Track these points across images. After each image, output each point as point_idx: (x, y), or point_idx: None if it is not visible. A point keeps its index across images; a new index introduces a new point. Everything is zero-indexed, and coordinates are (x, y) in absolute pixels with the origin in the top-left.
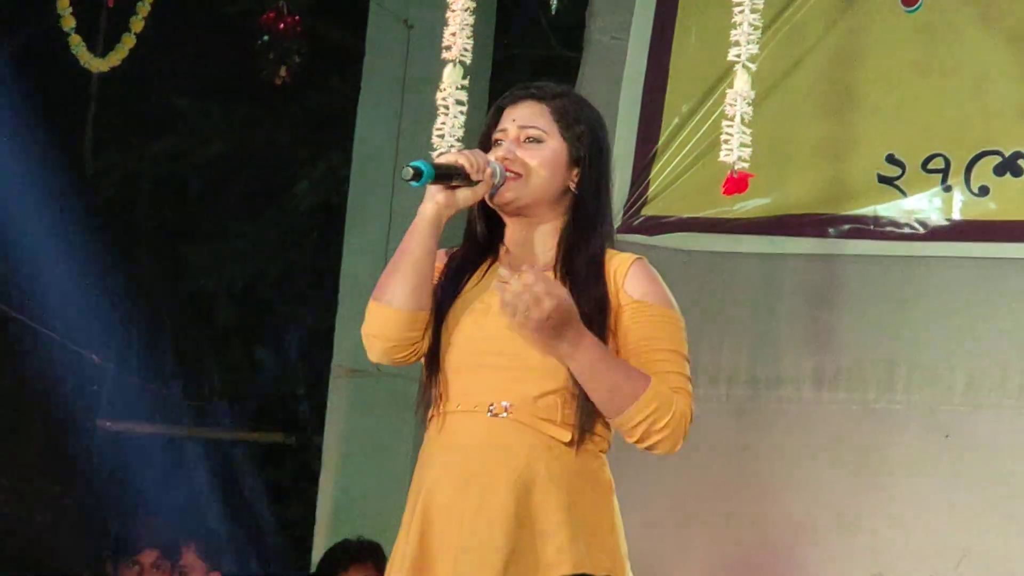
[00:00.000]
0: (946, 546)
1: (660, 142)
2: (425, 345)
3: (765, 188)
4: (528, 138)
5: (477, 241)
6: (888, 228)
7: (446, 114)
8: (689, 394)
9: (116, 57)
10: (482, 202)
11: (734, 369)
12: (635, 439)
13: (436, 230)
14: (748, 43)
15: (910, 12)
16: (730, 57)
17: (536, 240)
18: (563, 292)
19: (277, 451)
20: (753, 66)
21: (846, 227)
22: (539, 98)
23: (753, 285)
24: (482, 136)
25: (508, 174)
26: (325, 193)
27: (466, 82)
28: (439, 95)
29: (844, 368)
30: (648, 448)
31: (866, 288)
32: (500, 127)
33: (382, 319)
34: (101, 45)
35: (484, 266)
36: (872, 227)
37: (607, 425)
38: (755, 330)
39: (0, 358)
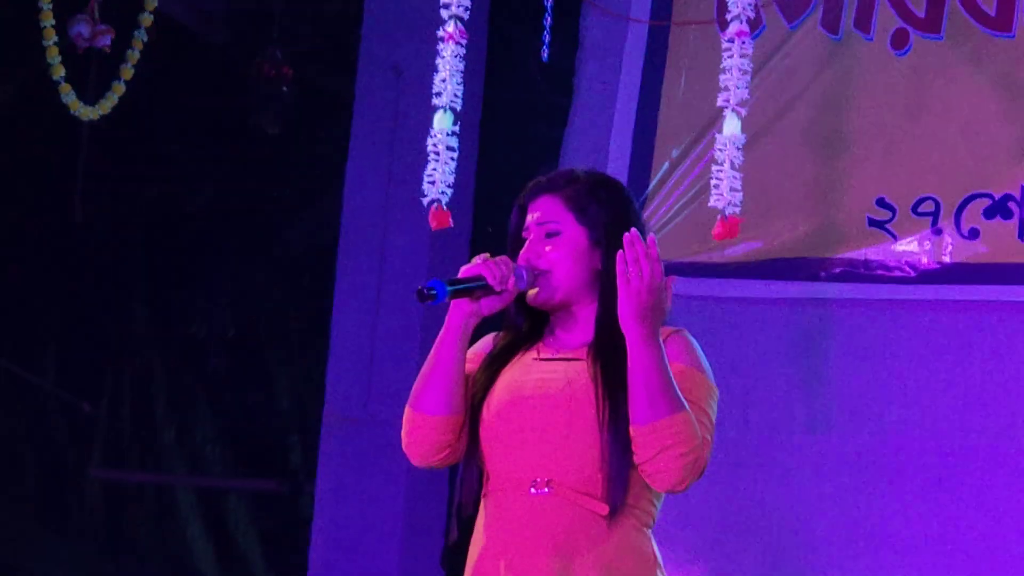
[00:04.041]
0: None
1: (650, 187)
2: (462, 446)
3: (755, 232)
4: (547, 233)
5: (518, 331)
6: (878, 271)
7: (436, 160)
8: (710, 449)
9: (106, 105)
10: (521, 299)
11: (726, 414)
12: (651, 454)
13: (464, 339)
14: (738, 87)
15: (899, 56)
16: (719, 102)
17: (576, 324)
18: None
19: (269, 498)
20: (743, 110)
21: (836, 271)
22: (552, 190)
23: (744, 330)
24: (510, 236)
25: (534, 272)
26: (316, 239)
27: (456, 128)
28: (430, 141)
29: (836, 413)
30: (654, 472)
31: (857, 332)
32: (524, 226)
33: (418, 426)
34: (91, 93)
35: (526, 348)
36: (862, 271)
37: (652, 500)
38: (746, 375)
39: None
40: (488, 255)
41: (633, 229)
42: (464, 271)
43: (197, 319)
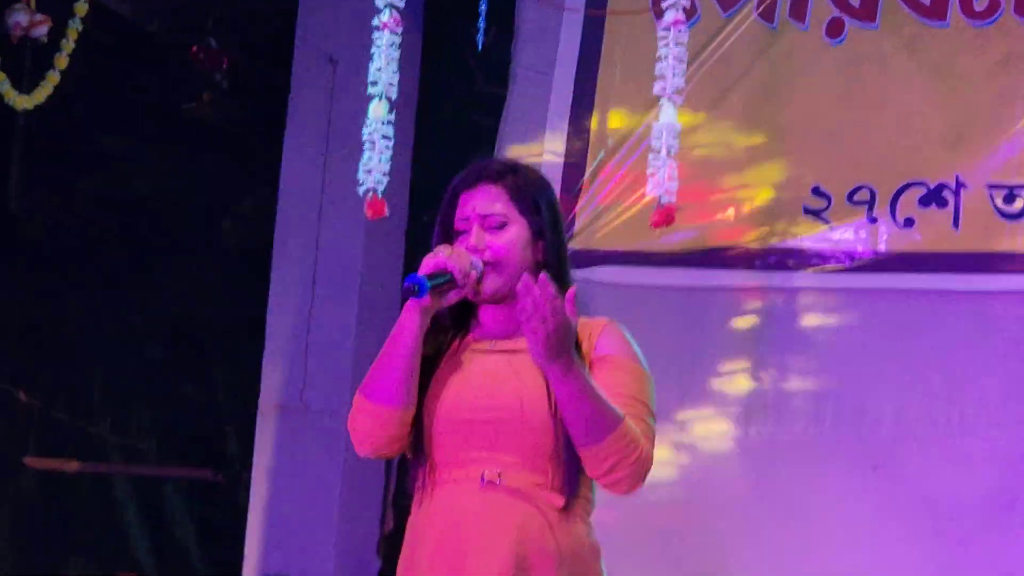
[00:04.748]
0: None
1: (587, 175)
2: (409, 438)
3: (692, 221)
4: (494, 224)
5: (447, 323)
6: (814, 260)
7: (372, 149)
8: (652, 442)
9: (41, 94)
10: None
11: (661, 403)
12: (602, 472)
13: (422, 331)
14: (674, 76)
15: (834, 44)
16: (655, 91)
17: (511, 314)
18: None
19: (206, 488)
20: (679, 99)
21: (772, 259)
22: (493, 179)
23: (680, 318)
24: (442, 220)
25: (483, 264)
26: (253, 229)
27: (392, 117)
28: (365, 131)
29: (771, 401)
30: (609, 484)
31: (792, 320)
32: (461, 215)
33: (372, 417)
34: (27, 82)
35: (456, 341)
36: (798, 259)
37: (592, 488)
38: (682, 364)
39: None
40: (450, 248)
41: (524, 276)
42: (429, 262)
43: (134, 308)
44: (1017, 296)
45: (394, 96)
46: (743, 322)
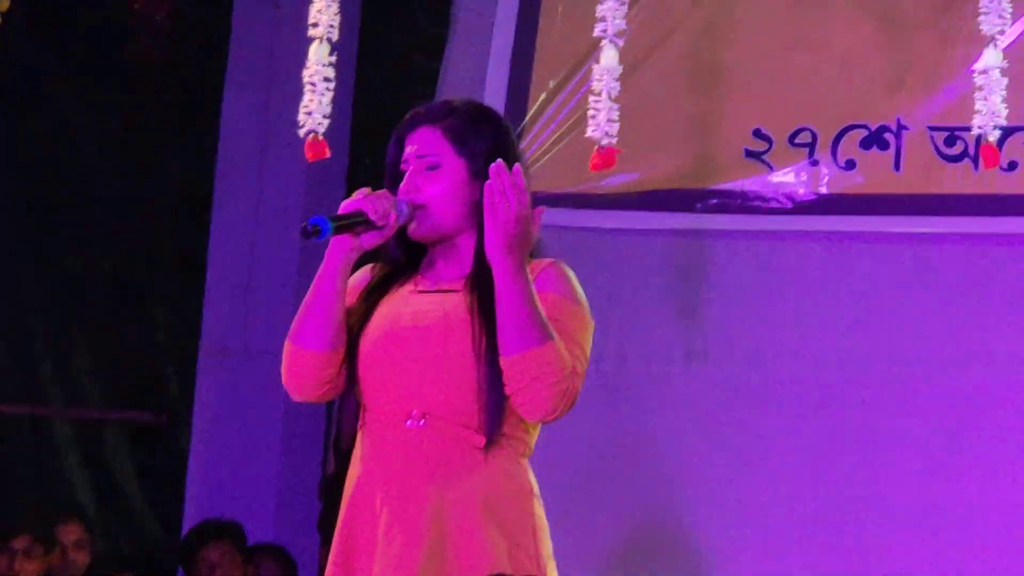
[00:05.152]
0: (816, 518)
1: (527, 118)
2: (341, 380)
3: (632, 163)
4: (427, 166)
5: (395, 263)
6: (755, 203)
7: (313, 91)
8: (581, 380)
9: None
10: (401, 232)
11: (602, 345)
12: (520, 385)
13: (344, 273)
14: (615, 18)
15: None
16: (596, 32)
17: (455, 255)
18: None
19: (147, 431)
20: (620, 41)
21: (713, 202)
22: (432, 121)
23: (621, 261)
24: (388, 168)
25: (414, 206)
26: (194, 173)
27: (333, 59)
28: (306, 73)
29: (712, 344)
30: (524, 403)
31: (733, 263)
32: (403, 158)
33: (299, 361)
34: None
35: (403, 280)
36: (739, 202)
37: (527, 429)
38: (623, 306)
39: None
40: (369, 189)
41: (499, 160)
42: (345, 206)
43: (74, 252)
44: (958, 238)
45: (335, 38)
46: (684, 265)
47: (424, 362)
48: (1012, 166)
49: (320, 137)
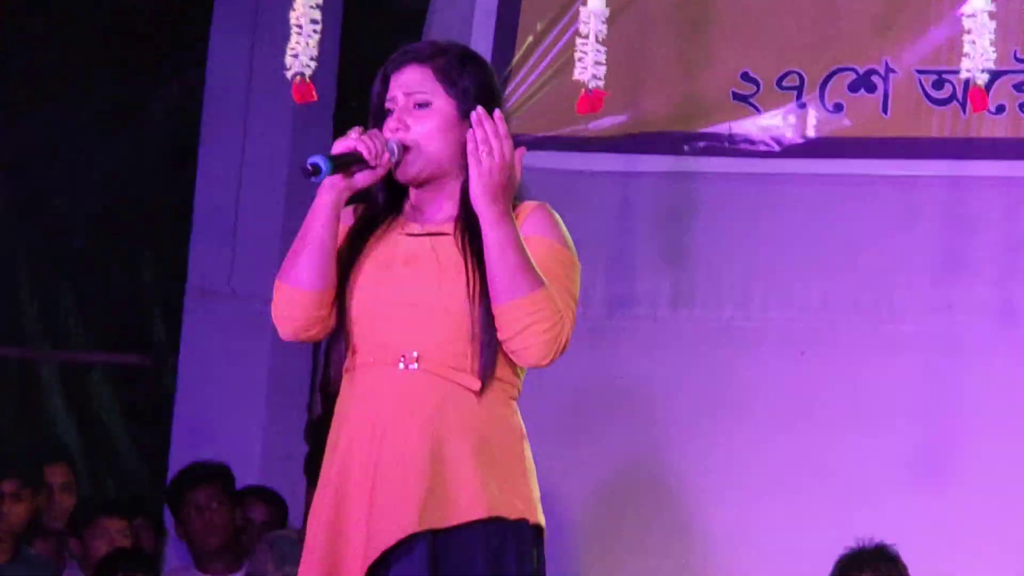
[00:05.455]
0: (807, 460)
1: (514, 60)
2: (333, 320)
3: (620, 106)
4: (416, 104)
5: (378, 204)
6: (743, 145)
7: (300, 34)
8: (572, 324)
9: None
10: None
11: (590, 288)
12: (515, 332)
13: (336, 212)
14: None
15: None
16: None
17: (441, 197)
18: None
19: (133, 374)
20: None
21: (701, 145)
22: (421, 60)
23: (608, 204)
24: (373, 106)
25: (404, 145)
26: (180, 113)
27: (320, 1)
28: (292, 15)
29: (700, 287)
30: (519, 349)
31: (721, 206)
32: (389, 96)
33: (289, 300)
34: None
35: (387, 222)
36: (727, 144)
37: (516, 372)
38: (610, 249)
39: None
40: (362, 129)
41: (479, 108)
42: (340, 146)
43: (60, 192)
44: (945, 181)
45: None
46: (672, 208)
47: (418, 305)
48: (1000, 110)
49: (307, 80)
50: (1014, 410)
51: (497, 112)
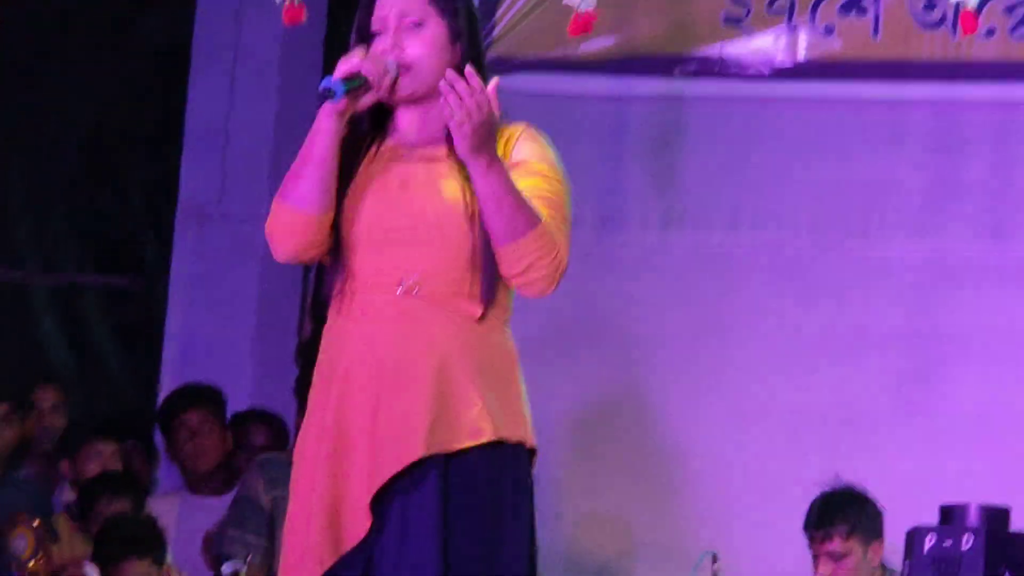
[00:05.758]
0: (792, 385)
1: None
2: (329, 243)
3: (610, 28)
4: (412, 23)
5: (363, 127)
6: (733, 68)
7: None
8: (567, 247)
9: None
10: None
11: (580, 211)
12: (518, 270)
13: (339, 134)
14: None
15: None
16: None
17: (428, 119)
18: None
19: (123, 295)
20: None
21: (692, 67)
22: None
23: (599, 126)
24: (358, 23)
25: (399, 66)
26: (171, 34)
27: None
28: None
29: (690, 210)
30: (524, 284)
31: (711, 129)
32: (379, 15)
33: (292, 221)
34: None
35: (374, 146)
36: (717, 67)
37: (509, 295)
38: (601, 172)
39: None
40: (364, 51)
41: (448, 71)
42: (345, 68)
43: (50, 113)
44: (935, 104)
45: None
46: (662, 131)
47: (417, 230)
48: (990, 33)
49: (297, 2)
50: (1001, 332)
51: (469, 68)
